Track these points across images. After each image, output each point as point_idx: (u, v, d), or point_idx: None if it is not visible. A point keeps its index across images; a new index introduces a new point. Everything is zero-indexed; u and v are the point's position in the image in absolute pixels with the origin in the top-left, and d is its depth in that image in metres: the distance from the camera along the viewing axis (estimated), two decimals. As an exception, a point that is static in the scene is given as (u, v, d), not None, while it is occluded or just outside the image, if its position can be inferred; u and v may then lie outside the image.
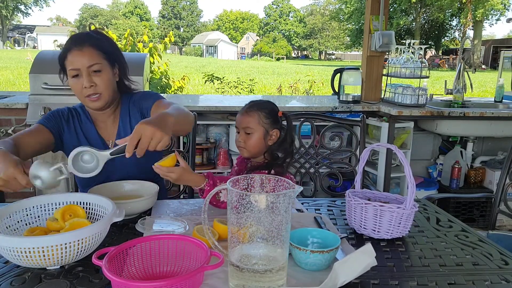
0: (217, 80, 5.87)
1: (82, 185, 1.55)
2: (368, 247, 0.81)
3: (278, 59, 43.60)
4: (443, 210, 1.42)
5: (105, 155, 1.14)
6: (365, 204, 1.15)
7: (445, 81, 3.81)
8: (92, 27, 1.52)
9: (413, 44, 3.16)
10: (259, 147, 1.49)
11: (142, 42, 4.90)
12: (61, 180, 1.12)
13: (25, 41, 45.58)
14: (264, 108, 1.49)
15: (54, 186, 1.11)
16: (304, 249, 0.93)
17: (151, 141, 1.06)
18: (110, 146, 1.49)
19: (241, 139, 1.48)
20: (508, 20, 27.82)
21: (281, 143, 1.50)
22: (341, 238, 1.04)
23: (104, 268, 0.80)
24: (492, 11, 29.46)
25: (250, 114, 1.47)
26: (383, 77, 3.35)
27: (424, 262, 1.04)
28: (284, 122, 1.53)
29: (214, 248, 0.92)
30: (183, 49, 59.34)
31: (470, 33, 31.51)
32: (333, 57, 57.98)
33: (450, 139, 3.55)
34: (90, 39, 1.38)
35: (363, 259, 0.81)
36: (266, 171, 1.42)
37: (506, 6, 29.42)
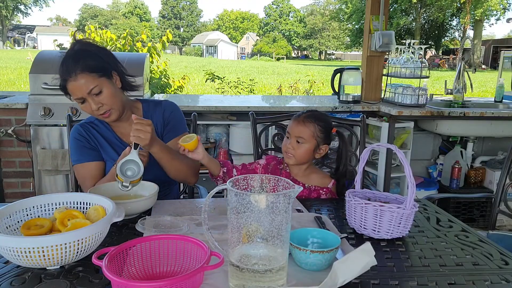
0: (218, 79, 5.85)
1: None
2: (367, 246, 0.81)
3: (278, 59, 43.56)
4: (443, 210, 1.42)
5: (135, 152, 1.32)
6: (365, 204, 1.15)
7: (445, 81, 3.81)
8: (78, 35, 1.53)
9: (413, 44, 3.16)
10: (307, 158, 1.49)
11: (141, 41, 4.88)
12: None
13: (25, 41, 45.57)
14: (321, 121, 1.47)
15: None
16: (304, 249, 0.93)
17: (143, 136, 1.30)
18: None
19: (291, 146, 1.47)
20: (508, 20, 27.84)
21: (325, 157, 1.54)
22: (341, 238, 1.04)
23: (104, 268, 0.80)
24: (490, 11, 29.45)
25: (306, 125, 1.45)
26: (383, 77, 3.35)
27: (424, 262, 1.04)
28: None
29: (214, 248, 0.92)
30: (183, 49, 59.29)
31: (470, 33, 31.57)
32: (333, 57, 57.95)
33: (450, 139, 3.55)
34: (78, 64, 1.35)
35: (363, 258, 0.81)
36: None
37: (506, 7, 29.41)
